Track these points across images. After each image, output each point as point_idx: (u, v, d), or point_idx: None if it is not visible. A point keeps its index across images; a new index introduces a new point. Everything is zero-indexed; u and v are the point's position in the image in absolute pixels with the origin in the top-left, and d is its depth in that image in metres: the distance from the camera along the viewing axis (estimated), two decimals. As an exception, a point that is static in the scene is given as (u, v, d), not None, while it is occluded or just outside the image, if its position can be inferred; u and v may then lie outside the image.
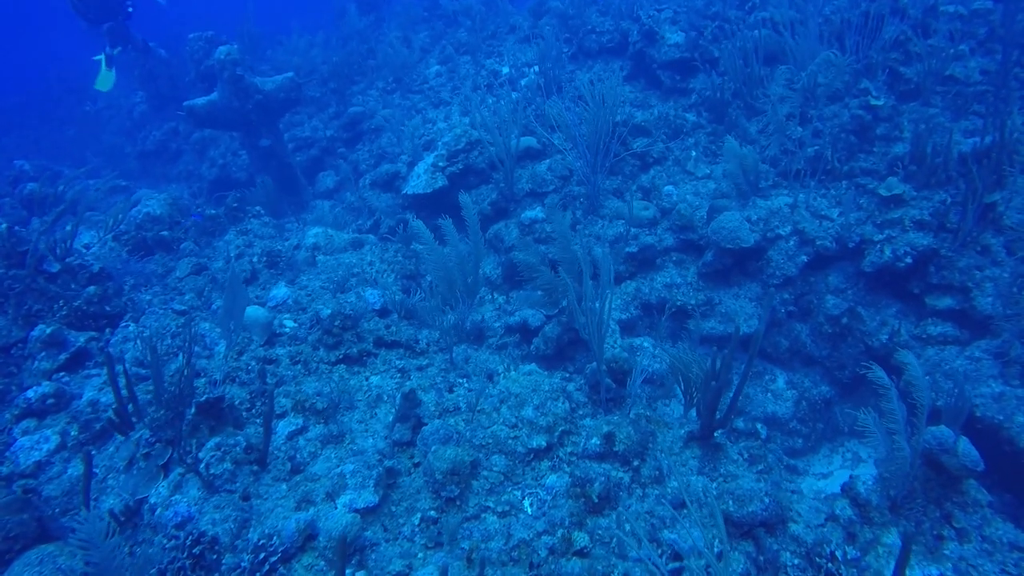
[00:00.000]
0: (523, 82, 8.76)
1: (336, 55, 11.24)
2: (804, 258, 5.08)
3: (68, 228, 5.16)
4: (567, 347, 5.13)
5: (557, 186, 6.25)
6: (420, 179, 6.70)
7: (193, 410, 3.44)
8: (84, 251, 6.11)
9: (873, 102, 5.70)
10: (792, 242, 5.12)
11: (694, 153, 6.13)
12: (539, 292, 5.21)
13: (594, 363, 4.23)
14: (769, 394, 5.19)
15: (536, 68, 8.79)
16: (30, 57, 16.60)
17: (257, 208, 7.25)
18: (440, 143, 6.90)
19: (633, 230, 5.54)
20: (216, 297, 5.42)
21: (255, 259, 5.91)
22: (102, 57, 11.01)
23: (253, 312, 4.52)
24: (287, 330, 4.81)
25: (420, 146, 7.81)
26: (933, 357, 4.56)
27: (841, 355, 5.06)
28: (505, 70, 9.33)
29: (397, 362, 4.37)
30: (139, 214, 6.70)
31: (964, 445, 3.16)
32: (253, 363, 4.29)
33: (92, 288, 4.87)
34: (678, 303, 5.21)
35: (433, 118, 9.16)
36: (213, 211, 6.97)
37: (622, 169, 6.16)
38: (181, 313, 5.00)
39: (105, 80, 11.22)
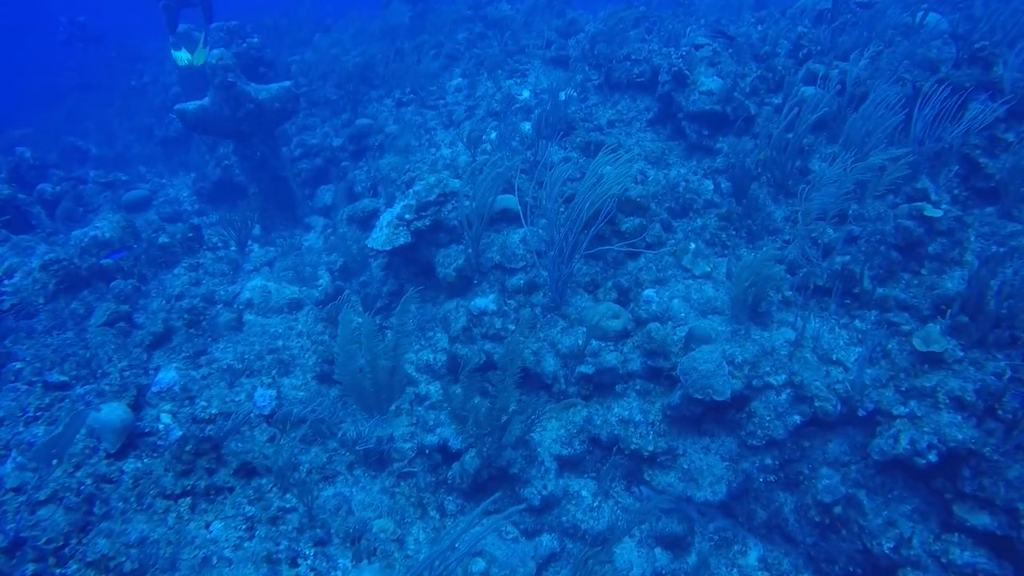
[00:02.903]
0: (538, 112, 7.72)
1: (361, 54, 10.49)
2: (797, 419, 3.94)
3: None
4: (488, 482, 4.25)
5: (528, 262, 5.28)
6: (382, 232, 5.85)
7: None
8: (7, 280, 5.67)
9: (929, 212, 4.39)
10: (784, 396, 3.98)
11: (693, 245, 4.99)
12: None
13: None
14: (735, 571, 4.13)
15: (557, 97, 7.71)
16: (96, 18, 16.71)
17: (214, 240, 6.64)
18: (411, 191, 6.03)
19: (595, 343, 4.53)
20: (117, 362, 4.82)
21: (175, 314, 5.29)
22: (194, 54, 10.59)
23: (107, 413, 3.86)
24: (160, 427, 4.15)
25: (404, 183, 6.97)
26: (949, 595, 3.38)
27: (831, 548, 3.93)
28: (525, 94, 8.30)
29: (248, 508, 3.60)
30: (85, 236, 6.22)
31: None
32: (88, 482, 3.64)
33: (-42, 350, 4.37)
34: (632, 446, 4.19)
35: (439, 141, 8.29)
36: (166, 239, 6.41)
37: (605, 253, 5.11)
38: (56, 387, 4.42)
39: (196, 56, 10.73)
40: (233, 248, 7.08)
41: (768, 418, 3.95)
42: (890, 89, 5.17)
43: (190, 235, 6.43)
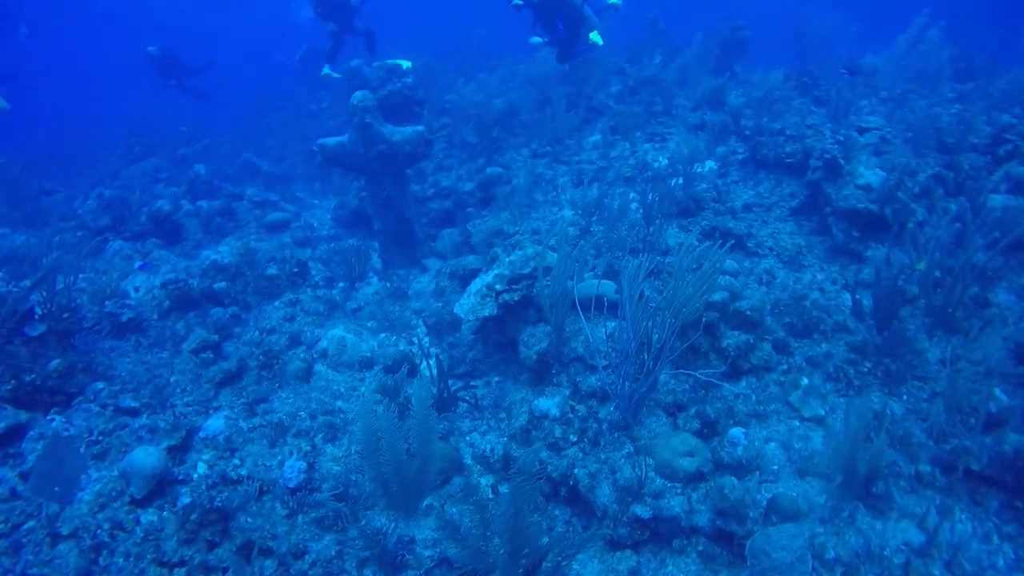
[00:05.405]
0: (671, 183, 7.06)
1: (506, 101, 10.46)
2: (904, 655, 2.95)
3: (61, 285, 5.06)
4: (508, 620, 3.69)
5: (612, 363, 4.67)
6: (469, 299, 5.57)
7: None
8: (133, 293, 6.15)
9: None
10: (890, 619, 3.01)
11: (805, 380, 4.09)
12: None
13: None
14: None
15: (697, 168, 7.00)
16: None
17: (317, 278, 6.79)
18: (507, 260, 5.68)
19: (660, 481, 3.81)
20: (188, 394, 4.96)
21: (259, 348, 5.38)
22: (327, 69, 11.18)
23: (141, 458, 3.88)
24: (195, 477, 4.13)
25: (511, 245, 6.65)
26: None
27: None
28: (662, 161, 7.67)
29: (235, 600, 3.39)
30: (206, 260, 6.62)
31: None
32: (106, 526, 3.66)
33: (56, 362, 4.69)
34: (683, 623, 3.42)
35: (564, 201, 7.91)
36: (274, 270, 6.64)
37: (696, 369, 4.36)
38: (126, 412, 4.60)
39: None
40: (341, 285, 7.20)
41: (862, 642, 3.01)
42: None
43: (295, 270, 6.62)
